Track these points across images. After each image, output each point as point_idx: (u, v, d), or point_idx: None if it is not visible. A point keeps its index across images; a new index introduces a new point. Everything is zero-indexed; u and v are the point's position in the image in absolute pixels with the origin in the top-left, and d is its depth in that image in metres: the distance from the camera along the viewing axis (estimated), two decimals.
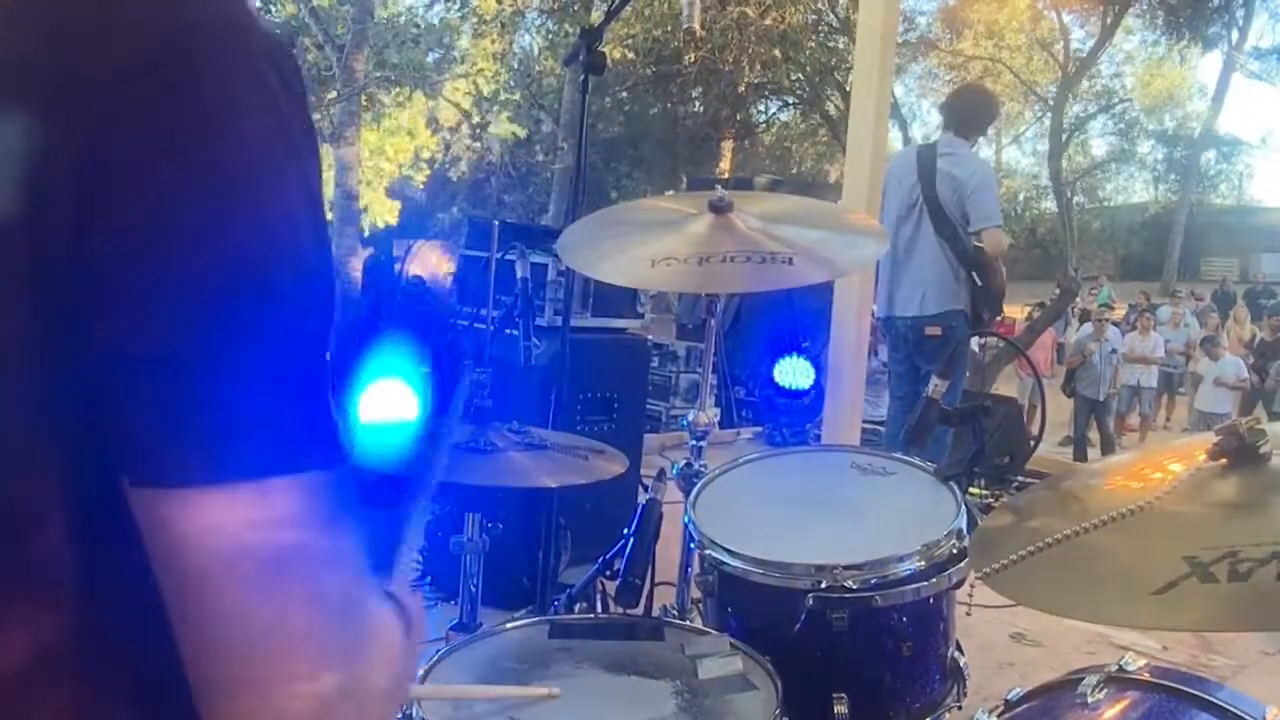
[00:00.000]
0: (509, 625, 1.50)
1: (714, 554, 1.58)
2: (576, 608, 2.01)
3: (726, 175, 14.68)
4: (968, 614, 1.68)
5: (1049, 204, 24.96)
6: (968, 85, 7.04)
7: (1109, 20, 18.23)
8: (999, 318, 4.31)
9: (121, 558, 0.51)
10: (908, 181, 4.11)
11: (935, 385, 1.84)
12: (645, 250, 1.80)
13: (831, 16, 18.02)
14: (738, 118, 20.45)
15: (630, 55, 16.65)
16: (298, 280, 0.52)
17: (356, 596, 0.54)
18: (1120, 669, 1.26)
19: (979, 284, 4.05)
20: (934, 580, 1.51)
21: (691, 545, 1.68)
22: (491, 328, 2.71)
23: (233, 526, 0.48)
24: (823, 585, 1.47)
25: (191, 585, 0.49)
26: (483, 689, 1.30)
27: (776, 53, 17.61)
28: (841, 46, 17.81)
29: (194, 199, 0.48)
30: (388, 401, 2.22)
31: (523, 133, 16.65)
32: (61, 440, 0.50)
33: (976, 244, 4.04)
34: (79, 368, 0.48)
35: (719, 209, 1.85)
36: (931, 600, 1.54)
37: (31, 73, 0.49)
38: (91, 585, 0.52)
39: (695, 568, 1.69)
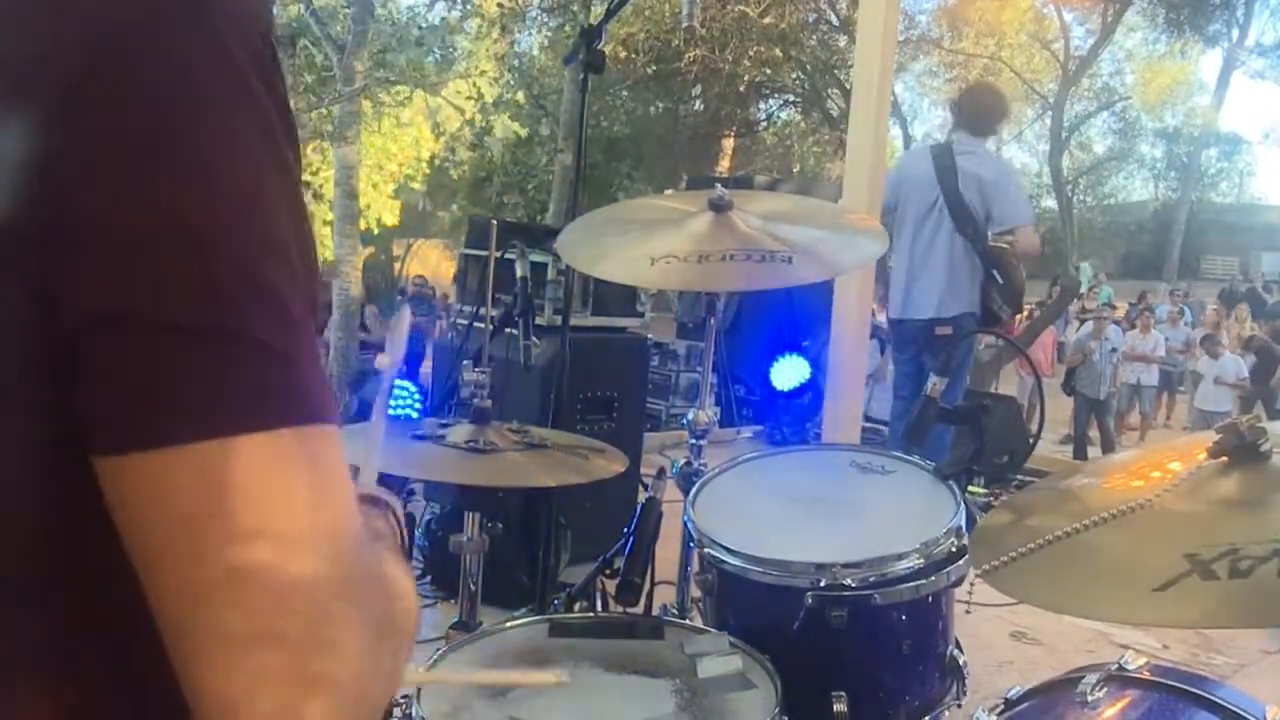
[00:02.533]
0: (509, 624, 1.50)
1: (713, 552, 1.58)
2: (576, 606, 2.01)
3: (726, 174, 14.67)
4: (967, 612, 1.68)
5: (1050, 202, 24.95)
6: (979, 84, 7.00)
7: (1109, 18, 18.21)
8: (1018, 314, 4.32)
9: (94, 549, 0.50)
10: (926, 182, 4.09)
11: (934, 384, 1.83)
12: (645, 249, 1.80)
13: (832, 15, 18.01)
14: (738, 116, 20.43)
15: (630, 54, 16.64)
16: (271, 250, 0.51)
17: (355, 544, 0.52)
18: (1120, 667, 1.26)
19: (1000, 282, 4.04)
20: (933, 578, 1.51)
21: (691, 544, 1.68)
22: (491, 327, 2.71)
23: (219, 482, 0.47)
24: (822, 584, 1.47)
25: (174, 548, 0.48)
26: (491, 675, 1.30)
27: (777, 51, 17.60)
28: (842, 45, 17.79)
29: (164, 180, 0.48)
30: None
31: (523, 132, 16.64)
32: (39, 431, 0.49)
33: (996, 244, 4.03)
34: (54, 349, 0.48)
35: (719, 207, 1.85)
36: (931, 598, 1.54)
37: (4, 53, 0.49)
38: (68, 577, 0.51)
39: (695, 566, 1.69)
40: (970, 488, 1.80)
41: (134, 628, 0.50)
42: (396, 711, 1.27)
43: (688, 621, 1.65)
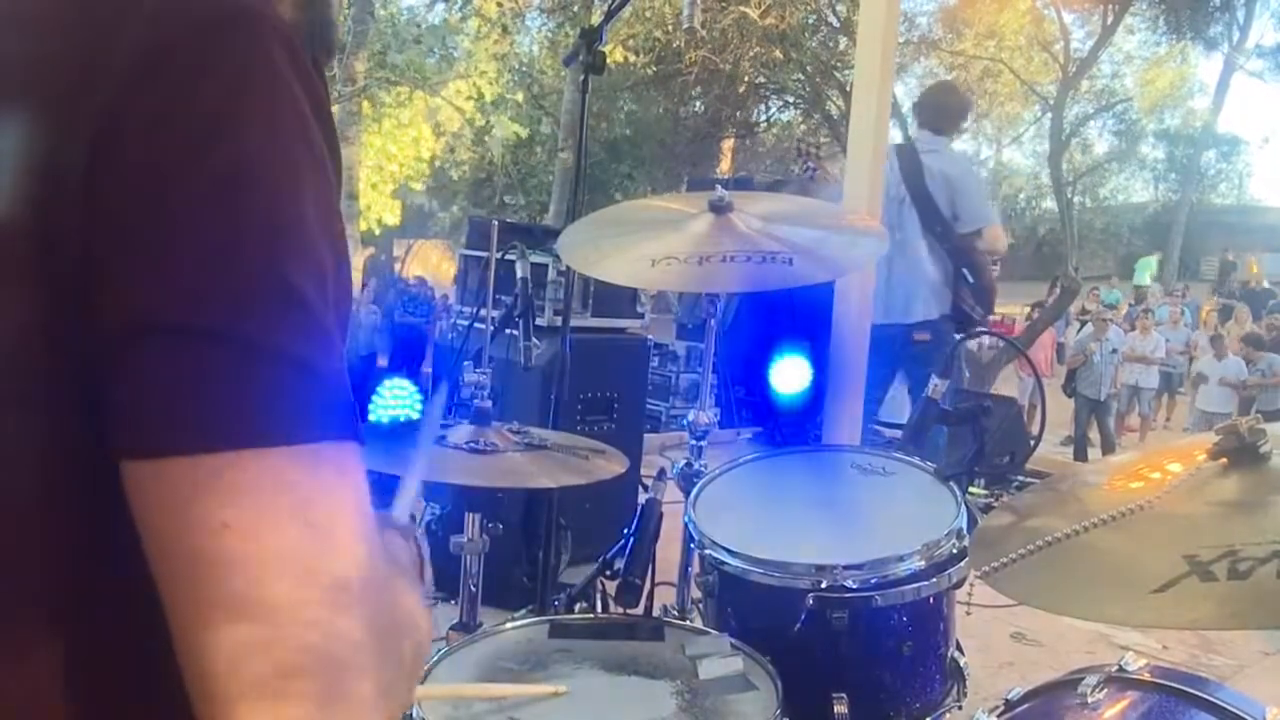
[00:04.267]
0: (509, 625, 1.50)
1: (714, 554, 1.58)
2: (577, 607, 2.01)
3: (727, 175, 14.67)
4: (968, 613, 1.68)
5: (1050, 204, 24.96)
6: (939, 84, 6.99)
7: (1109, 20, 18.21)
8: (990, 315, 4.31)
9: (119, 552, 0.50)
10: (891, 181, 4.08)
11: (935, 385, 1.84)
12: (645, 250, 1.80)
13: (832, 16, 18.00)
14: (738, 118, 20.44)
15: (631, 55, 16.64)
16: (307, 264, 0.51)
17: (371, 562, 0.52)
18: (1120, 669, 1.26)
19: (971, 281, 4.03)
20: (934, 580, 1.51)
21: (691, 545, 1.68)
22: (491, 328, 2.71)
23: (237, 494, 0.47)
24: (823, 585, 1.47)
25: (191, 559, 0.48)
26: (489, 687, 1.31)
27: (777, 53, 17.59)
28: (842, 46, 17.79)
29: (205, 189, 0.48)
30: (390, 401, 2.23)
31: (524, 133, 16.65)
32: (65, 433, 0.49)
33: (964, 240, 4.02)
34: (84, 354, 0.48)
35: (719, 209, 1.85)
36: (931, 600, 1.54)
37: (46, 63, 0.50)
38: (89, 581, 0.51)
39: (695, 568, 1.69)
40: (971, 489, 1.80)
41: (149, 640, 0.50)
42: None
43: (688, 623, 1.65)
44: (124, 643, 0.53)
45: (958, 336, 4.08)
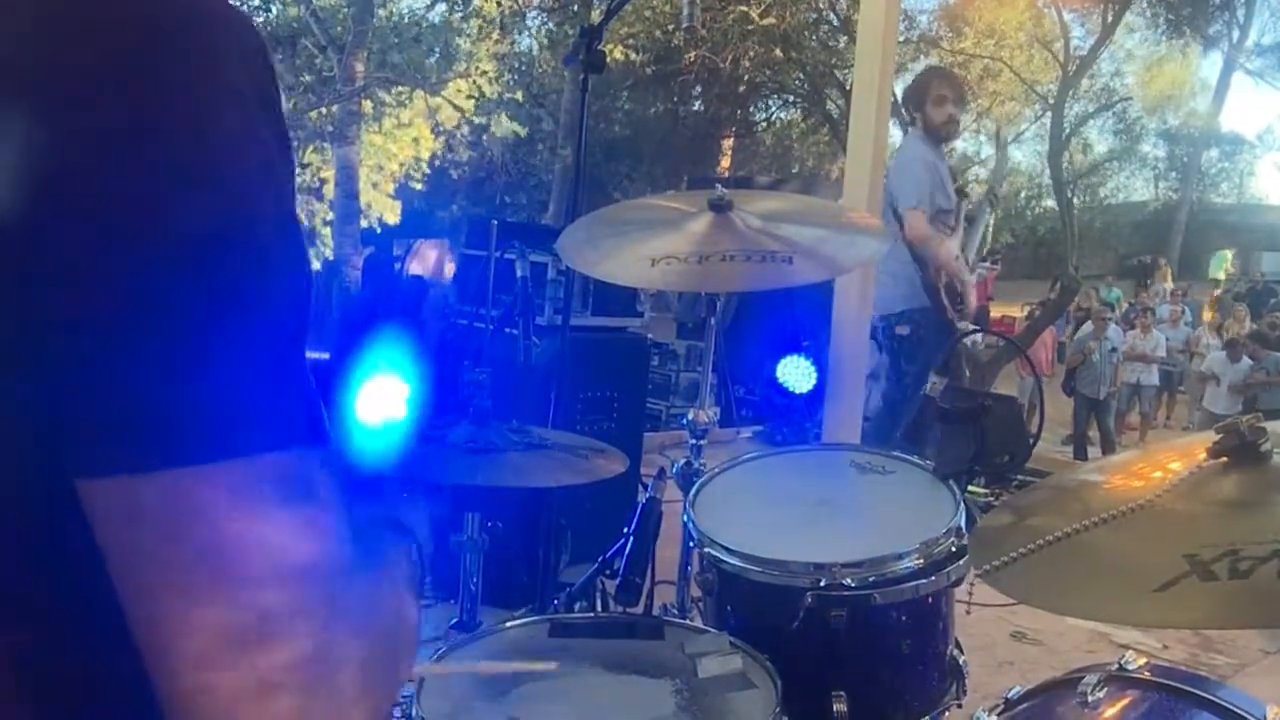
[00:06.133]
0: (509, 624, 1.50)
1: (713, 552, 1.58)
2: (576, 606, 2.01)
3: (727, 174, 14.68)
4: (967, 612, 1.68)
5: (1050, 202, 24.99)
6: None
7: (1109, 19, 18.24)
8: (958, 310, 4.03)
9: (76, 568, 0.49)
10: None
11: (934, 383, 1.83)
12: (645, 249, 1.80)
13: (832, 16, 18.02)
14: (738, 117, 20.44)
15: (631, 55, 16.65)
16: (263, 263, 0.51)
17: (336, 574, 0.51)
18: (1120, 668, 1.26)
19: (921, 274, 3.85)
20: (933, 578, 1.51)
21: (691, 544, 1.68)
22: (491, 327, 2.71)
23: (197, 511, 0.47)
24: (822, 583, 1.47)
25: (151, 578, 0.47)
26: (490, 665, 1.31)
27: (777, 52, 17.61)
28: (842, 46, 17.80)
29: (153, 188, 0.48)
30: (382, 400, 2.22)
31: (523, 132, 16.65)
32: (15, 437, 0.48)
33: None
34: (36, 361, 0.47)
35: (719, 208, 1.85)
36: (931, 599, 1.54)
37: (13, 66, 0.49)
38: (46, 596, 0.50)
39: (695, 566, 1.69)
40: (970, 488, 1.80)
41: (110, 659, 0.49)
42: (396, 711, 1.28)
43: (688, 621, 1.65)
44: (81, 653, 0.52)
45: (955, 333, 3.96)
